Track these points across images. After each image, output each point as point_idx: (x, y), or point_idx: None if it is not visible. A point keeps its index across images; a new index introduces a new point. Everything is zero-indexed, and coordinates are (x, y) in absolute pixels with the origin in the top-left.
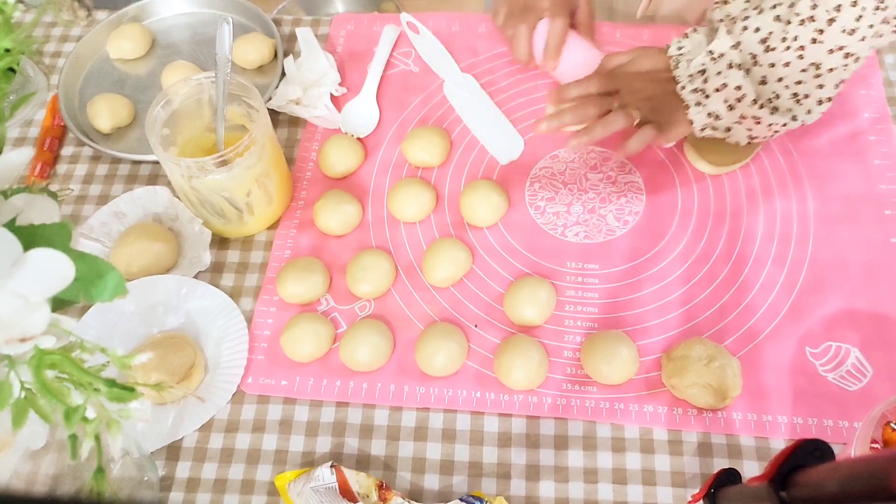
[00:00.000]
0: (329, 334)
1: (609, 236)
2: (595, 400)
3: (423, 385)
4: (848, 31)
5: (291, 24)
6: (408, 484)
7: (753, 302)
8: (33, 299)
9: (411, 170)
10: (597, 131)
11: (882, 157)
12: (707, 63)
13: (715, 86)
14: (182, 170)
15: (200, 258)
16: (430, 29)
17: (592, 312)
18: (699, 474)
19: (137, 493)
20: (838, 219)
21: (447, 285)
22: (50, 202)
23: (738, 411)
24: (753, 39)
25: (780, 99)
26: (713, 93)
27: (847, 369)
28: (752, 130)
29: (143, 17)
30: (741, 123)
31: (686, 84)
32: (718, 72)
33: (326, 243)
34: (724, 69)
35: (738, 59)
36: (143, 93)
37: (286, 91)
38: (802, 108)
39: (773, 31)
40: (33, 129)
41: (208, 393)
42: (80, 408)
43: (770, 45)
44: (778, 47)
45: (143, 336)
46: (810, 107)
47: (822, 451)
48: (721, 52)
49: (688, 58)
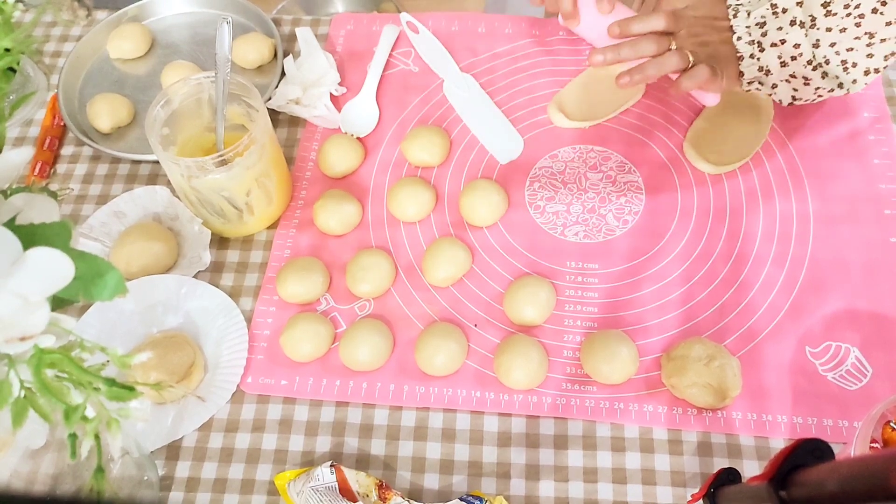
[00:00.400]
0: (329, 334)
1: (609, 236)
2: (595, 399)
3: (423, 385)
4: None
5: (291, 24)
6: (408, 483)
7: (753, 301)
8: (33, 298)
9: (411, 169)
10: (650, 70)
11: (882, 156)
12: (768, 16)
13: (772, 40)
14: (182, 169)
15: (200, 258)
16: (429, 29)
17: (592, 312)
18: (699, 474)
19: (137, 492)
20: (838, 219)
21: (447, 285)
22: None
23: (738, 411)
24: (816, 1)
25: (830, 65)
26: (769, 47)
27: (847, 369)
28: (798, 91)
29: (143, 16)
30: (789, 82)
31: (742, 35)
32: (779, 27)
33: (326, 243)
34: (785, 25)
35: (801, 17)
36: (143, 92)
37: (286, 91)
38: (849, 77)
39: None
40: (33, 128)
41: (208, 392)
42: (79, 407)
43: (831, 10)
44: (839, 13)
45: (143, 335)
46: (856, 76)
47: (822, 451)
48: (785, 7)
49: (747, 8)
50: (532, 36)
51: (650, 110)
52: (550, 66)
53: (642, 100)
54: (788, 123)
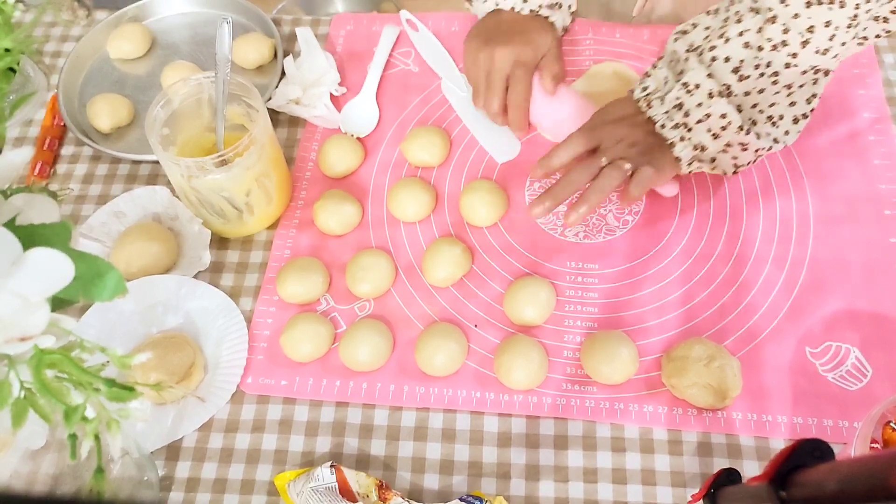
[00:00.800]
0: (329, 334)
1: (609, 236)
2: (595, 400)
3: (423, 385)
4: (821, 51)
5: (291, 24)
6: (408, 484)
7: (753, 302)
8: (33, 299)
9: (411, 169)
10: (593, 198)
11: (882, 157)
12: (683, 96)
13: (697, 117)
14: (182, 169)
15: (200, 258)
16: (429, 28)
17: (592, 312)
18: (699, 474)
19: (137, 492)
20: (838, 219)
21: (447, 285)
22: (50, 202)
23: (738, 411)
24: (726, 69)
25: (758, 125)
26: (695, 125)
27: (847, 369)
28: (738, 158)
29: (143, 16)
30: (726, 152)
31: (665, 122)
32: (699, 103)
33: (326, 243)
34: (704, 99)
35: (716, 88)
36: (143, 93)
37: (286, 91)
38: (780, 130)
39: (744, 59)
40: (33, 128)
41: (208, 393)
42: (79, 407)
43: (744, 74)
44: (752, 75)
45: (143, 336)
46: (787, 127)
47: (822, 451)
48: (697, 83)
49: (658, 96)
50: None
51: None
52: None
53: None
54: None
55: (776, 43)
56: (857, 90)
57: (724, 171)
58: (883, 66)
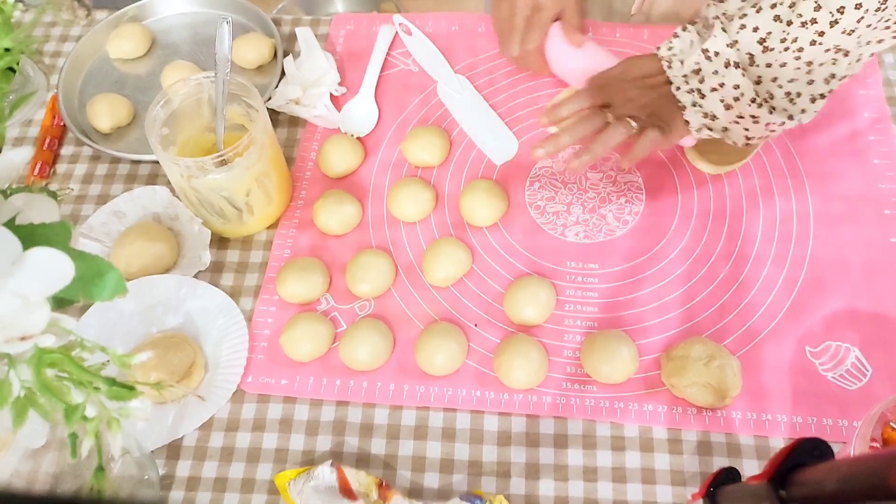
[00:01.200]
0: (329, 334)
1: (609, 236)
2: (595, 399)
3: (423, 384)
4: (847, 31)
5: (291, 24)
6: (408, 482)
7: (753, 301)
8: (33, 298)
9: (411, 169)
10: (597, 149)
11: (882, 156)
12: (702, 62)
13: (711, 85)
14: (181, 169)
15: (200, 258)
16: (429, 29)
17: (592, 312)
18: (699, 473)
19: (138, 491)
20: (838, 218)
21: (447, 285)
22: (49, 202)
23: (738, 410)
24: (751, 39)
25: (775, 99)
26: (709, 92)
27: (847, 369)
28: (749, 130)
29: (143, 16)
30: (738, 123)
31: (681, 85)
32: (715, 71)
33: (326, 243)
34: (720, 68)
35: (735, 58)
36: (143, 93)
37: (286, 91)
38: (796, 108)
39: (772, 32)
40: (33, 128)
41: (208, 392)
42: (80, 406)
43: (768, 46)
44: (776, 48)
45: (143, 335)
46: (804, 105)
47: (822, 450)
48: (717, 51)
49: (680, 58)
50: None
51: None
52: None
53: None
54: None
55: (806, 20)
56: (858, 90)
57: (734, 141)
58: (883, 66)
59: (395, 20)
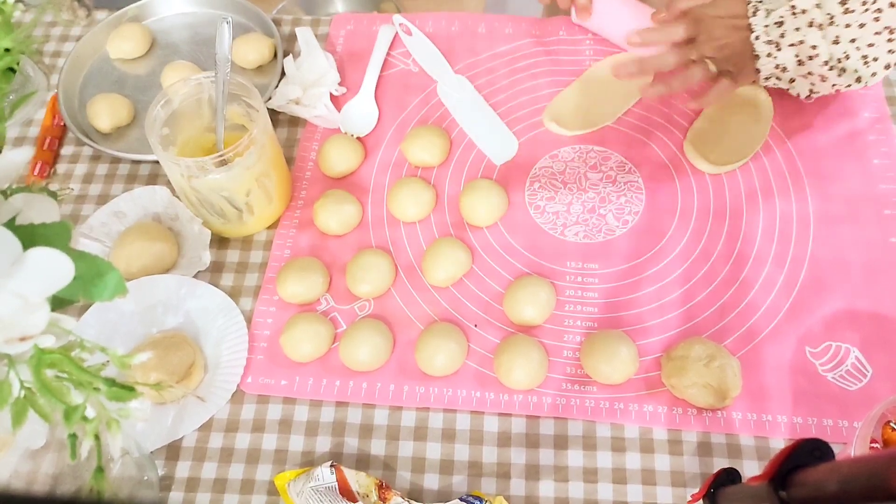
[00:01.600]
0: (329, 334)
1: (609, 236)
2: (595, 400)
3: (423, 385)
4: None
5: (291, 24)
6: (408, 483)
7: (753, 302)
8: (33, 299)
9: (411, 169)
10: (675, 84)
11: (882, 156)
12: (787, 16)
13: (790, 41)
14: (182, 169)
15: (200, 258)
16: (429, 29)
17: (592, 312)
18: (699, 474)
19: (137, 492)
20: (838, 219)
21: (447, 285)
22: (50, 202)
23: (738, 411)
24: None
25: (850, 59)
26: (787, 47)
27: (847, 369)
28: (815, 86)
29: (143, 16)
30: (806, 78)
31: (761, 34)
32: (797, 27)
33: (326, 243)
34: (802, 26)
35: (819, 19)
36: (143, 93)
37: (286, 91)
38: (868, 70)
39: None
40: (33, 128)
41: (208, 392)
42: (79, 407)
43: (849, 7)
44: (857, 9)
45: (143, 335)
46: (876, 69)
47: (822, 451)
48: (804, 9)
49: (767, 6)
50: (533, 36)
51: (650, 110)
52: (551, 66)
53: (642, 100)
54: (788, 123)
55: None
56: (858, 90)
57: (798, 93)
58: None
59: (395, 20)
